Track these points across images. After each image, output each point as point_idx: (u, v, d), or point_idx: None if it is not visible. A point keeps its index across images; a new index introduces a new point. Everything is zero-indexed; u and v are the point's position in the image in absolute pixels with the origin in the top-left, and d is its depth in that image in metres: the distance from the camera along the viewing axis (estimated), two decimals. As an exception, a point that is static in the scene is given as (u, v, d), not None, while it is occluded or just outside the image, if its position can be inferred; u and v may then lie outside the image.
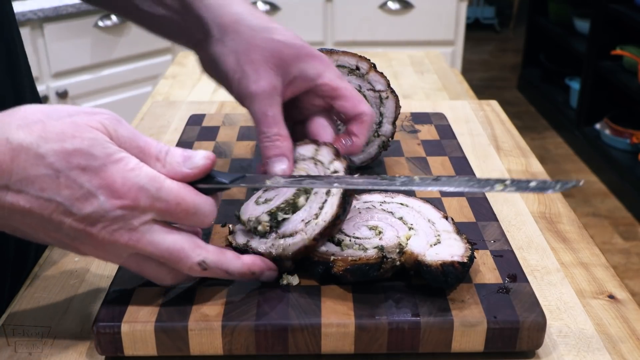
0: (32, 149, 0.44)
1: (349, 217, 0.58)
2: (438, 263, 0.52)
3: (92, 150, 0.45)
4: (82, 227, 0.46)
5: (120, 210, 0.46)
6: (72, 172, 0.45)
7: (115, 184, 0.45)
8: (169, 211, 0.47)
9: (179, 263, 0.49)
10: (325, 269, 0.53)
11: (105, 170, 0.45)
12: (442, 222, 0.59)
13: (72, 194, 0.45)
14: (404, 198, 0.63)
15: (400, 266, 0.54)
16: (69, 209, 0.45)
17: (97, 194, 0.45)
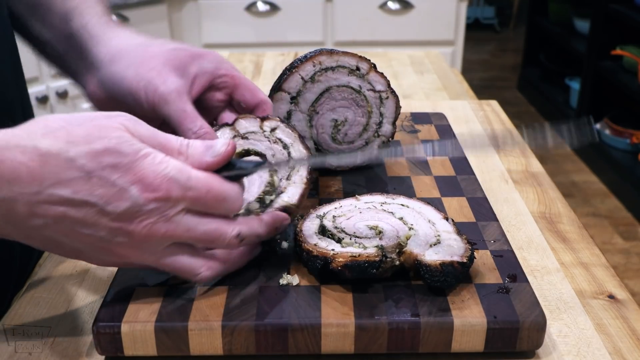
0: (62, 153, 0.45)
1: (349, 217, 0.59)
2: (437, 263, 0.52)
3: (120, 148, 0.46)
4: (119, 226, 0.46)
5: (155, 202, 0.46)
6: (103, 172, 0.45)
7: (146, 178, 0.46)
8: (200, 199, 0.48)
9: (217, 241, 0.50)
10: (324, 264, 0.53)
11: (135, 166, 0.46)
12: (443, 222, 0.59)
13: (105, 193, 0.45)
14: (405, 199, 0.63)
15: (400, 266, 0.54)
16: (104, 209, 0.46)
17: (130, 189, 0.46)
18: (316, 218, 0.60)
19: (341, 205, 0.62)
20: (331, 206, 0.63)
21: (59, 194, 0.45)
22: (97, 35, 0.62)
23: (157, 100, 0.59)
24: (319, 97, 0.72)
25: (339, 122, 0.74)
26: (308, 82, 0.71)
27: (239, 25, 2.47)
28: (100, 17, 0.64)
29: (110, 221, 0.46)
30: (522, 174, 0.82)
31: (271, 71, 1.34)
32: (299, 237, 0.57)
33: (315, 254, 0.54)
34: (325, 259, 0.53)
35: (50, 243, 0.48)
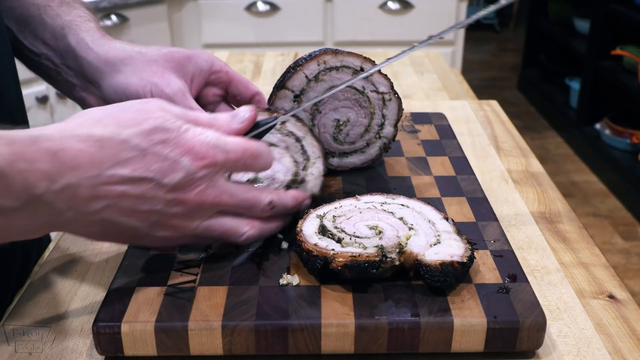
0: (115, 136, 0.49)
1: (349, 217, 0.59)
2: (437, 263, 0.52)
3: (166, 125, 0.50)
4: (175, 196, 0.51)
5: (204, 169, 0.51)
6: (155, 148, 0.50)
7: (194, 148, 0.51)
8: (240, 160, 0.54)
9: (253, 207, 0.56)
10: (324, 264, 0.53)
11: (182, 139, 0.51)
12: (443, 222, 0.59)
13: (160, 167, 0.49)
14: (405, 199, 0.63)
15: (400, 266, 0.54)
16: (161, 182, 0.50)
17: (182, 160, 0.50)
18: (316, 218, 0.60)
19: (341, 205, 0.62)
20: (331, 206, 0.63)
21: (119, 173, 0.48)
22: (95, 50, 0.65)
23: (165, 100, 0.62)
24: (323, 98, 0.72)
25: (341, 122, 0.74)
26: (312, 81, 0.71)
27: (239, 25, 2.47)
28: (95, 32, 0.67)
29: (167, 193, 0.50)
30: (522, 174, 0.82)
31: (271, 71, 1.34)
32: (299, 237, 0.57)
33: (315, 253, 0.54)
34: (325, 259, 0.53)
35: (108, 226, 0.50)
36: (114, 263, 0.64)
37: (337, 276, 0.54)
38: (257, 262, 0.57)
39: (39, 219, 0.47)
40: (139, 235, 0.52)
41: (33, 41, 0.67)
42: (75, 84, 0.67)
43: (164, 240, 0.54)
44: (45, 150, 0.46)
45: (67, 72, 0.67)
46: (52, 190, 0.46)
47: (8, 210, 0.44)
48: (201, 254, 0.59)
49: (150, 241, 0.54)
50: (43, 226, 0.48)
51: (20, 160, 0.44)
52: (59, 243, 0.67)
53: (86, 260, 0.64)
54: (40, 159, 0.45)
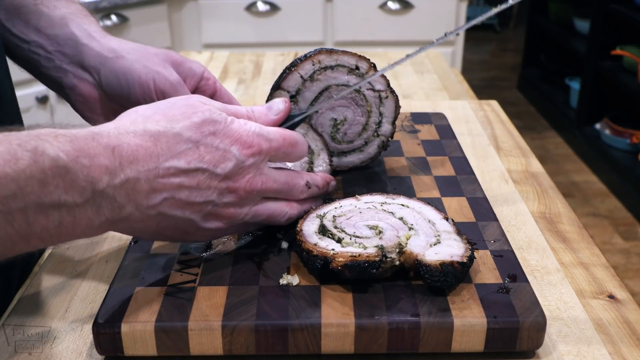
0: (168, 130, 0.51)
1: (349, 216, 0.59)
2: (437, 263, 0.52)
3: (214, 117, 0.53)
4: (227, 185, 0.53)
5: (252, 157, 0.54)
6: (207, 139, 0.52)
7: (242, 138, 0.54)
8: (281, 148, 0.57)
9: (293, 189, 0.59)
10: (324, 264, 0.53)
11: (229, 130, 0.53)
12: (443, 222, 0.59)
13: (213, 158, 0.52)
14: (405, 199, 0.63)
15: (400, 266, 0.54)
16: (214, 171, 0.52)
17: (232, 150, 0.53)
18: (316, 218, 0.60)
19: (341, 205, 0.62)
20: (331, 206, 0.63)
21: (175, 165, 0.50)
22: (98, 39, 0.67)
23: (167, 89, 0.65)
24: (318, 96, 0.72)
25: (338, 122, 0.74)
26: (307, 80, 0.71)
27: (239, 25, 2.47)
28: (97, 27, 0.69)
29: (220, 182, 0.53)
30: (522, 174, 0.82)
31: (271, 71, 1.34)
32: (299, 237, 0.57)
33: (315, 253, 0.54)
34: (325, 259, 0.53)
35: (163, 221, 0.52)
36: (114, 263, 0.64)
37: (337, 276, 0.54)
38: (257, 262, 0.57)
39: (102, 214, 0.47)
40: (191, 229, 0.54)
41: (23, 29, 0.67)
42: (68, 71, 0.67)
43: (214, 232, 0.55)
44: (104, 146, 0.47)
45: (61, 59, 0.67)
46: (113, 184, 0.47)
47: (74, 206, 0.45)
48: (201, 254, 0.59)
49: (201, 235, 0.55)
50: (104, 223, 0.48)
51: (82, 156, 0.45)
52: (59, 243, 0.67)
53: (86, 260, 0.64)
54: (101, 154, 0.47)
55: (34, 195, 0.42)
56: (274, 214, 0.58)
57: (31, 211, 0.43)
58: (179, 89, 0.66)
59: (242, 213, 0.55)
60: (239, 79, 1.30)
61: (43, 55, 0.68)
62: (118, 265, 0.58)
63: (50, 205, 0.44)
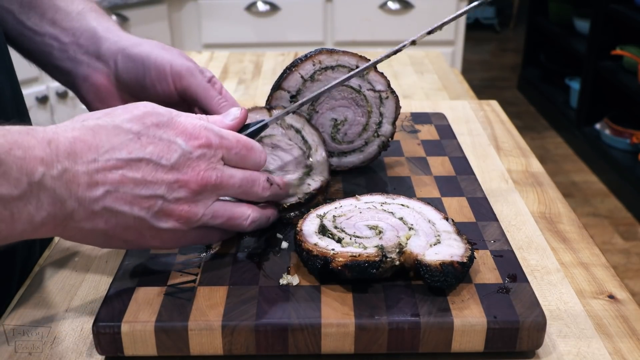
0: (108, 123, 0.50)
1: (349, 216, 0.59)
2: (437, 263, 0.52)
3: (157, 110, 0.52)
4: (175, 177, 0.51)
5: (200, 149, 0.52)
6: (149, 130, 0.51)
7: (187, 129, 0.52)
8: (233, 147, 0.55)
9: (254, 186, 0.56)
10: (324, 264, 0.53)
11: (174, 121, 0.52)
12: (443, 222, 0.59)
13: (156, 148, 0.51)
14: (405, 199, 0.63)
15: (400, 266, 0.54)
16: (159, 162, 0.50)
17: (177, 140, 0.51)
18: (316, 218, 0.60)
19: (341, 205, 0.62)
20: (331, 206, 0.63)
21: (115, 157, 0.49)
22: (116, 32, 0.69)
23: (184, 72, 0.66)
24: (318, 96, 0.72)
25: (338, 122, 0.74)
26: (308, 81, 0.71)
27: (239, 25, 2.47)
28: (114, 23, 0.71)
29: (166, 173, 0.51)
30: (522, 174, 0.82)
31: (271, 71, 1.34)
32: (298, 237, 0.57)
33: (315, 253, 0.54)
34: (325, 259, 0.53)
35: (111, 220, 0.50)
36: (114, 263, 0.64)
37: (337, 276, 0.54)
38: (257, 262, 0.57)
39: (42, 209, 0.46)
40: (144, 230, 0.52)
41: (38, 21, 0.69)
42: (82, 61, 0.69)
43: (171, 235, 0.53)
44: (40, 139, 0.46)
45: (76, 50, 0.69)
46: (51, 175, 0.46)
47: (10, 199, 0.44)
48: (201, 254, 0.59)
49: (157, 239, 0.53)
50: (47, 219, 0.47)
51: (15, 148, 0.45)
52: (59, 243, 0.67)
53: (86, 260, 0.64)
54: (36, 146, 0.46)
55: None
56: (234, 215, 0.56)
57: None
58: (195, 74, 0.66)
59: (198, 212, 0.53)
60: (239, 79, 1.30)
61: (57, 47, 0.69)
62: (118, 265, 0.58)
63: None
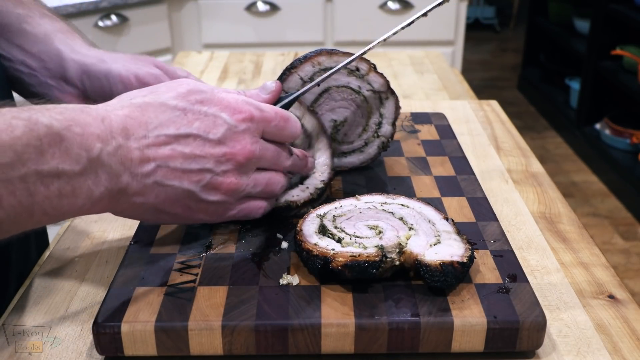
0: (155, 101, 0.52)
1: (349, 216, 0.59)
2: (437, 263, 0.52)
3: (199, 87, 0.54)
4: (223, 151, 0.53)
5: (243, 123, 0.54)
6: (194, 107, 0.53)
7: (231, 104, 0.54)
8: (273, 120, 0.57)
9: (280, 156, 0.59)
10: (324, 264, 0.53)
11: (217, 97, 0.54)
12: (443, 222, 0.59)
13: (202, 123, 0.52)
14: (405, 199, 0.63)
15: (400, 266, 0.54)
16: (207, 137, 0.52)
17: (222, 115, 0.53)
18: (316, 218, 0.60)
19: (341, 205, 0.62)
20: (331, 206, 0.63)
21: (164, 132, 0.51)
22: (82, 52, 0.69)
23: (151, 81, 0.67)
24: (318, 98, 0.72)
25: (338, 123, 0.74)
26: (307, 82, 0.71)
27: (239, 25, 2.47)
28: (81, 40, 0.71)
29: (214, 147, 0.53)
30: (522, 174, 0.82)
31: (271, 71, 1.34)
32: (298, 237, 0.57)
33: (316, 253, 0.54)
34: (325, 259, 0.53)
35: (162, 194, 0.52)
36: (114, 263, 0.64)
37: (337, 276, 0.54)
38: (257, 262, 0.57)
39: (100, 184, 0.48)
40: (192, 203, 0.54)
41: (6, 47, 0.69)
42: (52, 85, 0.69)
43: (218, 207, 0.55)
44: (94, 117, 0.49)
45: (45, 74, 0.69)
46: (107, 151, 0.48)
47: (72, 174, 0.46)
48: (201, 254, 0.59)
49: (205, 211, 0.55)
50: (104, 194, 0.49)
51: (74, 125, 0.47)
52: (59, 243, 0.67)
53: (86, 260, 0.64)
54: (91, 123, 0.48)
55: (32, 163, 0.43)
56: (270, 182, 0.58)
57: (31, 180, 0.44)
58: (163, 79, 0.67)
59: (242, 183, 0.55)
60: (239, 79, 1.30)
61: (26, 72, 0.69)
62: (118, 266, 0.58)
63: (48, 173, 0.44)
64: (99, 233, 0.69)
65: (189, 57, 1.44)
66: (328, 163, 0.69)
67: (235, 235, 0.62)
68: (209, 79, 1.30)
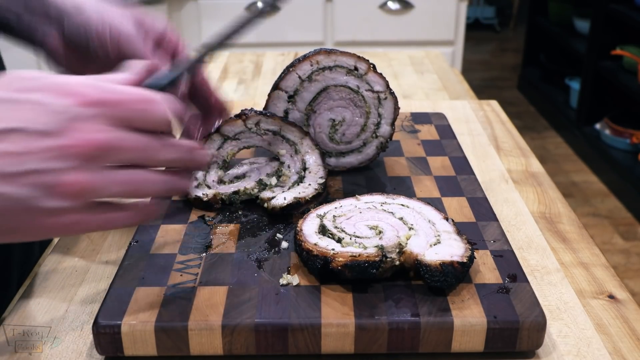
0: None
1: (349, 216, 0.59)
2: (437, 263, 0.52)
3: (21, 74, 0.45)
4: (57, 144, 0.43)
5: (86, 108, 0.44)
6: (18, 95, 0.43)
7: (64, 87, 0.44)
8: (129, 103, 0.46)
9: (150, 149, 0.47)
10: (323, 264, 0.53)
11: (48, 81, 0.45)
12: (443, 222, 0.59)
13: (25, 114, 0.43)
14: (405, 199, 0.63)
15: (400, 266, 0.54)
16: (33, 130, 0.43)
17: (53, 100, 0.44)
18: (316, 217, 0.60)
19: (341, 205, 0.62)
20: (331, 206, 0.63)
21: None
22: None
23: (122, 40, 0.63)
24: (316, 97, 0.72)
25: (336, 122, 0.74)
26: (305, 81, 0.71)
27: (239, 25, 2.47)
28: None
29: (42, 141, 0.43)
30: (522, 174, 0.82)
31: (271, 71, 1.34)
32: (298, 237, 0.57)
33: (315, 253, 0.54)
34: (325, 259, 0.53)
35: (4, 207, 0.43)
36: (114, 263, 0.64)
37: (337, 276, 0.53)
38: (257, 262, 0.57)
39: None
40: (33, 214, 0.43)
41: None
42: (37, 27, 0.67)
43: (66, 220, 0.45)
44: None
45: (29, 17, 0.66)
46: None
47: None
48: (201, 254, 0.59)
49: (52, 225, 0.44)
50: None
51: None
52: (59, 243, 0.67)
53: (86, 260, 0.64)
54: None
55: None
56: (134, 180, 0.46)
57: None
58: (133, 40, 0.63)
59: (91, 182, 0.44)
60: (239, 79, 1.30)
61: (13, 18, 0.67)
62: (118, 265, 0.58)
63: None
64: (99, 233, 0.69)
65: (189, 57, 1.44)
66: (319, 162, 0.70)
67: (235, 235, 0.62)
68: (209, 79, 1.30)
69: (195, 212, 0.66)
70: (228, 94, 1.21)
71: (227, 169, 0.71)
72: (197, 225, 0.63)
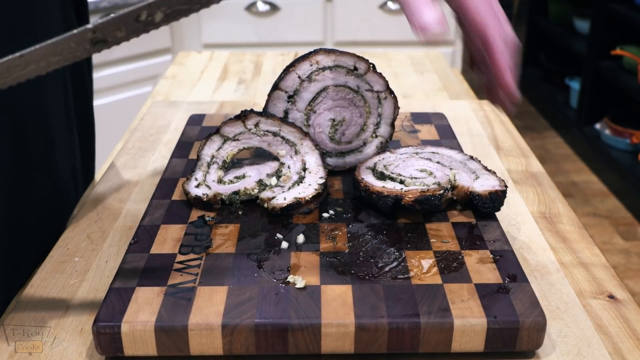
0: None
1: (397, 164, 0.69)
2: (486, 192, 0.64)
3: None
4: None
5: None
6: None
7: None
8: None
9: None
10: (395, 202, 0.62)
11: None
12: (471, 162, 0.70)
13: None
14: (434, 147, 0.73)
15: (451, 199, 0.65)
16: None
17: None
18: (367, 169, 0.68)
19: (383, 158, 0.71)
20: (376, 159, 0.71)
21: None
22: None
23: None
24: (316, 97, 0.72)
25: (336, 122, 0.74)
26: (305, 81, 0.71)
27: (239, 25, 2.47)
28: None
29: None
30: (522, 174, 0.82)
31: (271, 71, 1.34)
32: (363, 184, 0.65)
33: (386, 194, 0.62)
34: (396, 197, 0.62)
35: None
36: (114, 263, 0.64)
37: (407, 210, 0.62)
38: (257, 262, 0.57)
39: None
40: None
41: None
42: None
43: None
44: None
45: None
46: None
47: None
48: (201, 254, 0.59)
49: None
50: None
51: None
52: (58, 243, 0.67)
53: (86, 260, 0.64)
54: None
55: None
56: None
57: None
58: None
59: None
60: (239, 79, 1.30)
61: None
62: (118, 265, 0.58)
63: None
64: (99, 233, 0.69)
65: (189, 57, 1.44)
66: (319, 162, 0.70)
67: (235, 235, 0.62)
68: (209, 79, 1.30)
69: (195, 212, 0.66)
70: (228, 94, 1.22)
71: (227, 170, 0.71)
72: (197, 225, 0.63)
